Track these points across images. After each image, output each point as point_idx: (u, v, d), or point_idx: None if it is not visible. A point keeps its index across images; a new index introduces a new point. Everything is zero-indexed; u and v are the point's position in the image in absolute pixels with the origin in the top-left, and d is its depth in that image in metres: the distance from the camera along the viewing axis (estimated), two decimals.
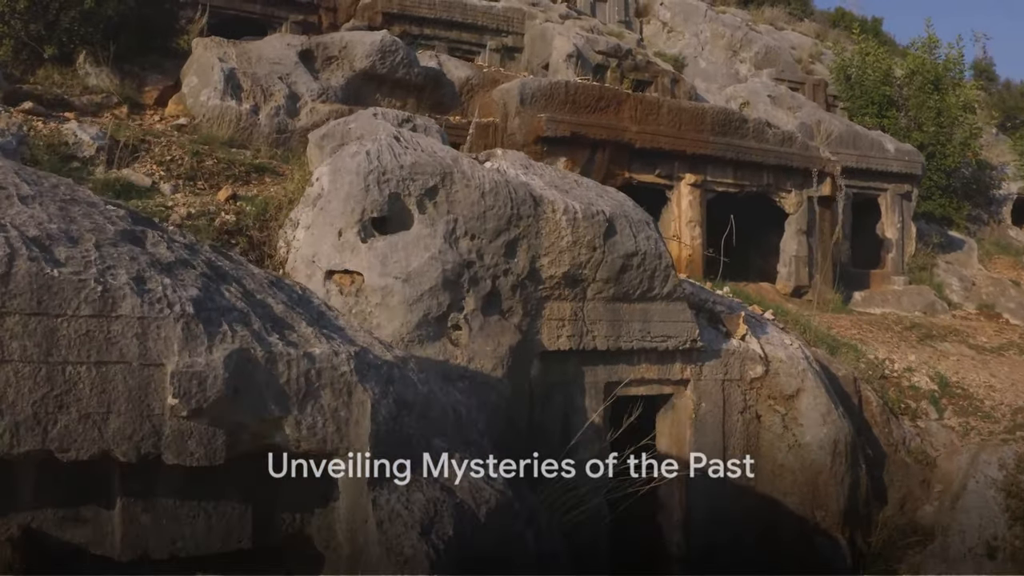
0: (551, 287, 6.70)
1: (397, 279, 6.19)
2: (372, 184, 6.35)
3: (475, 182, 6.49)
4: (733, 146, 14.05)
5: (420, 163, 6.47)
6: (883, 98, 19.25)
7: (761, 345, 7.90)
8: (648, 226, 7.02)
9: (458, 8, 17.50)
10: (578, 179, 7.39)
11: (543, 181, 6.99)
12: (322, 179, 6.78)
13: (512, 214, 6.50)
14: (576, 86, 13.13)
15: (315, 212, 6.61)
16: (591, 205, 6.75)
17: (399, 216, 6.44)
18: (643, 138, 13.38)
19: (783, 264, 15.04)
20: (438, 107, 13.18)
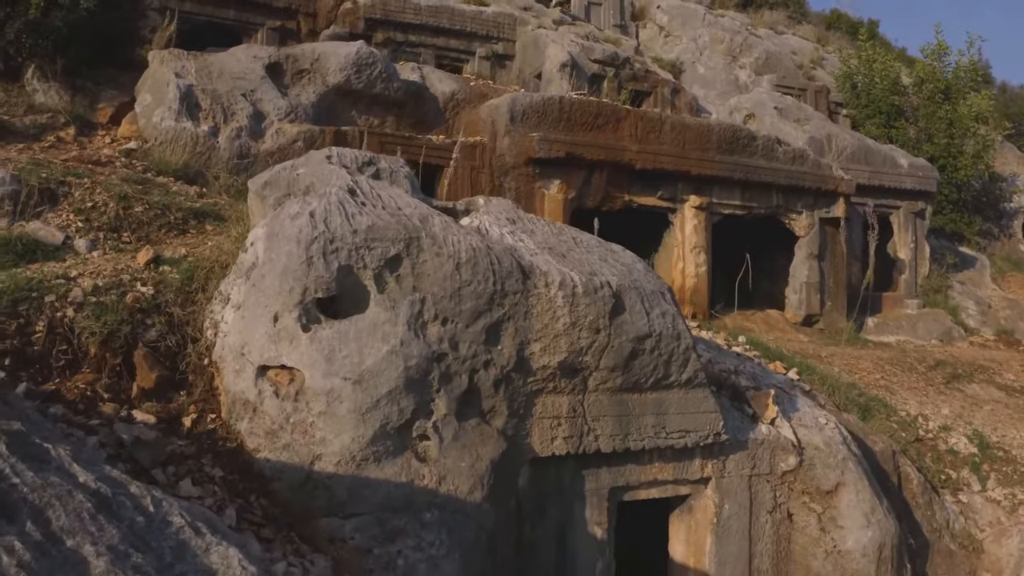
0: (544, 379, 5.17)
1: (347, 380, 4.65)
2: (317, 256, 4.81)
3: (448, 250, 4.96)
4: (741, 165, 12.52)
5: (379, 226, 4.93)
6: (891, 107, 17.72)
7: (794, 428, 6.38)
8: (663, 298, 5.49)
9: (445, 13, 15.91)
10: (577, 236, 5.85)
11: (534, 242, 5.45)
12: (256, 245, 5.24)
13: (495, 291, 4.97)
14: (571, 102, 11.58)
15: (247, 288, 5.07)
16: (593, 276, 5.22)
17: (352, 295, 4.91)
18: (644, 158, 11.84)
19: (793, 291, 13.53)
20: (420, 125, 11.63)
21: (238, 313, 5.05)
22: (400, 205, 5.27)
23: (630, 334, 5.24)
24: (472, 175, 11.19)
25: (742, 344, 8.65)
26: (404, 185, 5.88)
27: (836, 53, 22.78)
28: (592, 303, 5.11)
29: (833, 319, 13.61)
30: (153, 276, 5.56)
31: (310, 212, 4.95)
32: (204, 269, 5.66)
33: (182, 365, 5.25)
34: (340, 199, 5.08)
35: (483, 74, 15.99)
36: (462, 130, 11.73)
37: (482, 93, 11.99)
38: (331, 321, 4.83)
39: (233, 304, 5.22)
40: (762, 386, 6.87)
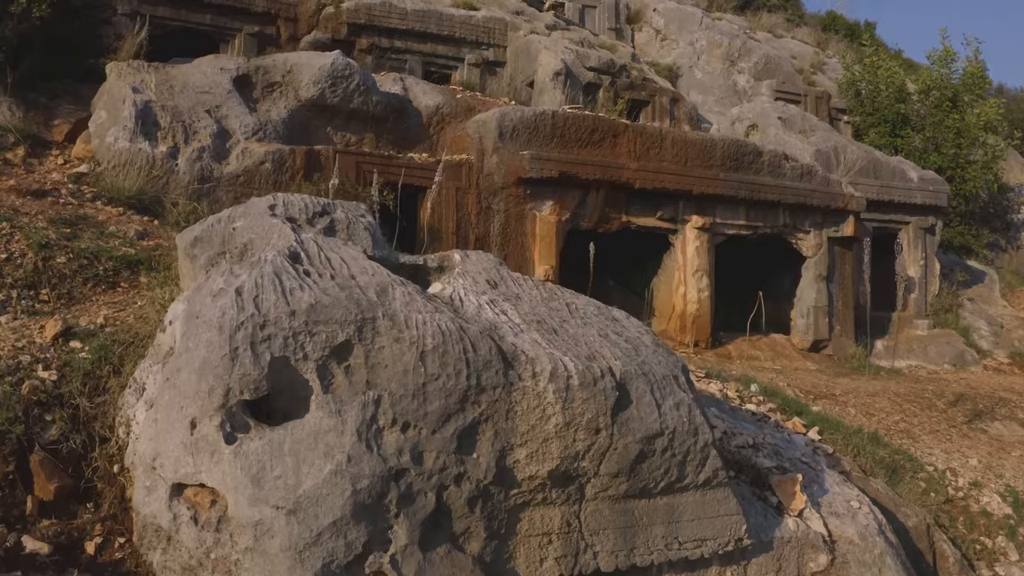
0: (531, 490, 4.09)
1: (279, 510, 3.57)
2: (243, 346, 3.71)
3: (411, 334, 3.87)
4: (746, 183, 11.43)
5: (324, 305, 3.85)
6: (896, 116, 16.63)
7: (824, 519, 5.31)
8: (677, 383, 4.39)
9: (433, 18, 14.77)
10: (572, 302, 4.75)
11: (519, 314, 4.36)
12: (175, 325, 4.15)
13: (469, 386, 3.89)
14: (565, 117, 10.46)
15: (161, 382, 3.98)
16: (592, 361, 4.13)
17: (289, 393, 3.82)
18: (644, 177, 10.74)
19: (800, 314, 12.46)
20: (402, 142, 10.51)
21: (151, 413, 3.96)
22: (354, 272, 4.17)
23: (637, 433, 4.15)
24: (457, 197, 10.09)
25: (755, 396, 7.58)
26: (363, 240, 4.77)
27: (837, 58, 21.67)
28: (591, 397, 4.03)
29: (842, 344, 12.55)
30: (60, 355, 4.46)
31: (237, 289, 3.85)
32: (122, 345, 4.56)
33: (88, 471, 4.17)
34: (277, 269, 3.98)
35: (472, 82, 14.86)
36: (447, 147, 10.62)
37: (469, 107, 10.87)
38: (262, 428, 3.74)
39: (147, 400, 4.13)
40: (785, 460, 5.79)
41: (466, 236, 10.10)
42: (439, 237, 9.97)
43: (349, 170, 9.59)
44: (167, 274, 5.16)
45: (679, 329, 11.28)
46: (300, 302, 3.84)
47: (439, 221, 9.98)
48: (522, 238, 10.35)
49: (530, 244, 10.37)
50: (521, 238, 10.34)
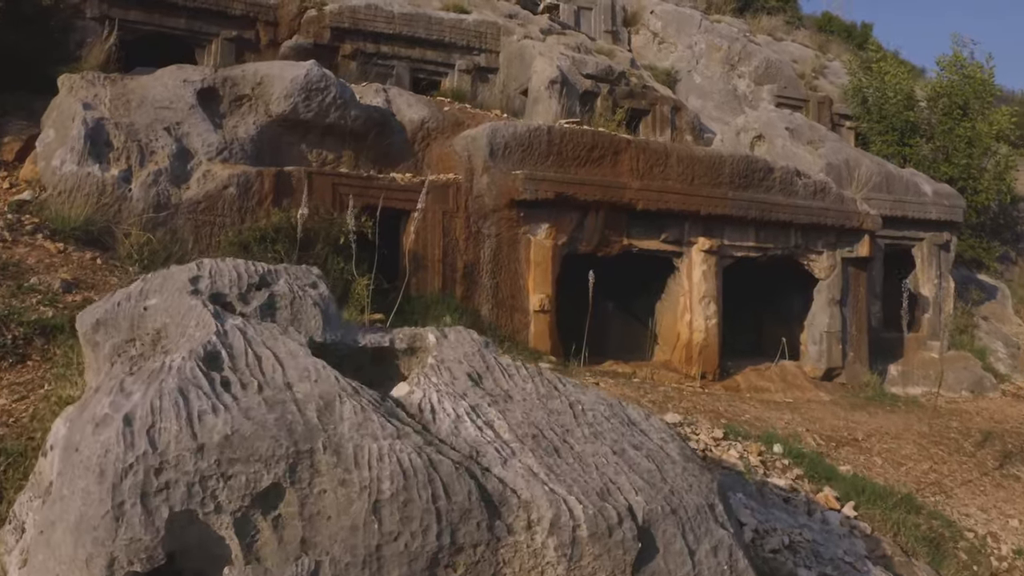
0: None
1: None
2: (131, 499, 2.62)
3: (362, 476, 2.77)
4: (756, 202, 10.34)
5: (245, 435, 2.76)
6: (905, 124, 15.55)
7: None
8: (714, 517, 3.29)
9: (421, 22, 13.63)
10: (576, 399, 3.64)
11: (509, 426, 3.26)
12: (55, 453, 3.07)
13: (440, 547, 2.80)
14: (562, 133, 9.35)
15: (35, 533, 2.90)
16: (607, 497, 3.03)
17: (198, 555, 2.74)
18: (647, 197, 9.65)
19: (812, 340, 11.40)
20: (384, 159, 9.39)
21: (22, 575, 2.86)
22: (291, 378, 3.07)
23: None
24: (444, 221, 8.98)
25: (780, 460, 6.52)
26: (311, 319, 3.67)
27: (839, 62, 20.59)
28: (605, 552, 2.94)
29: (855, 371, 11.50)
30: None
31: (126, 416, 2.75)
32: (9, 455, 3.47)
33: None
34: (183, 383, 2.88)
35: (463, 89, 13.73)
36: (433, 166, 9.50)
37: (457, 121, 9.75)
38: None
39: (22, 549, 3.04)
40: (826, 564, 4.71)
41: (453, 264, 9.00)
42: (424, 265, 8.88)
43: (324, 193, 8.48)
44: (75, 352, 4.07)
45: (685, 360, 10.20)
46: (212, 432, 2.75)
47: (424, 248, 8.87)
48: (515, 265, 9.25)
49: (524, 271, 9.28)
50: (514, 265, 9.25)
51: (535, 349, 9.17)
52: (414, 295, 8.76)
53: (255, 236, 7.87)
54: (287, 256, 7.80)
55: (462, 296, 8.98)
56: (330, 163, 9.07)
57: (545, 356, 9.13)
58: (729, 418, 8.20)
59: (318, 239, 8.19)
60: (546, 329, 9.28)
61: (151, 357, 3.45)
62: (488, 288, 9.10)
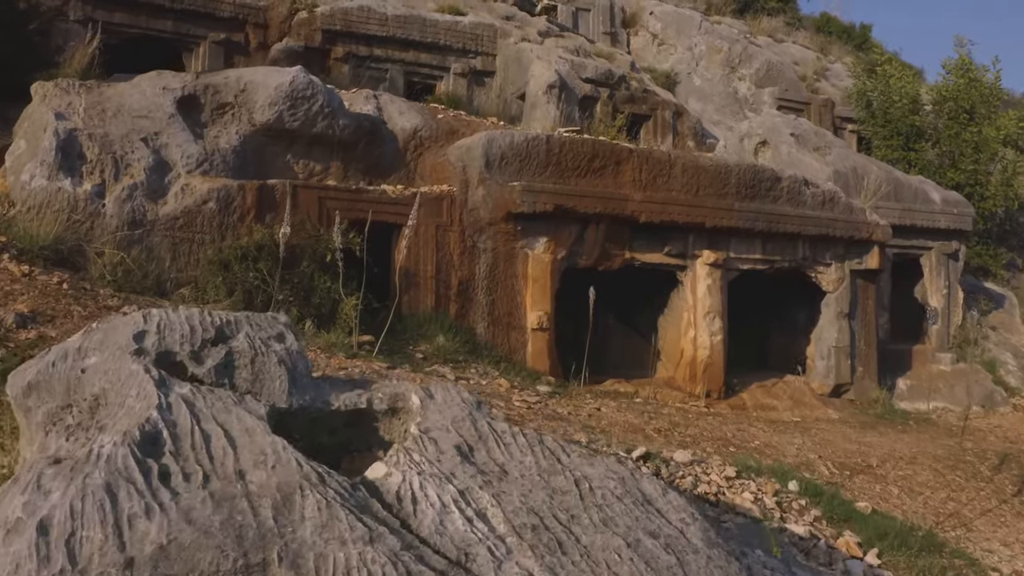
0: None
1: None
2: None
3: None
4: (764, 214, 9.80)
5: (183, 544, 2.21)
6: (911, 129, 15.02)
7: None
8: None
9: (416, 24, 13.07)
10: (583, 474, 3.07)
11: (504, 513, 2.69)
12: None
13: None
14: (561, 143, 8.80)
15: None
16: None
17: None
18: (650, 209, 9.10)
19: (819, 356, 10.86)
20: (374, 170, 8.84)
21: None
22: (245, 464, 2.52)
23: None
24: (438, 235, 8.43)
25: (796, 500, 5.98)
26: (275, 381, 3.11)
27: (840, 64, 20.07)
28: None
29: (864, 387, 10.96)
30: None
31: (41, 523, 2.20)
32: None
33: None
34: (112, 479, 2.33)
35: (458, 93, 13.18)
36: (426, 177, 8.95)
37: (452, 129, 9.20)
38: None
39: None
40: None
41: (447, 280, 8.45)
42: (416, 282, 8.33)
43: (310, 207, 7.92)
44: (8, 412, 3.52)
45: (688, 378, 9.67)
46: (144, 542, 2.20)
47: (416, 264, 8.32)
48: (512, 280, 8.71)
49: (521, 287, 8.73)
50: (511, 280, 8.70)
51: (533, 369, 8.63)
52: (406, 313, 8.22)
53: (236, 254, 7.32)
54: (270, 275, 7.26)
55: (456, 314, 8.44)
56: (317, 174, 8.51)
57: (543, 377, 8.59)
58: (738, 446, 7.66)
59: (303, 256, 7.63)
60: (544, 348, 8.74)
61: (89, 428, 2.90)
62: (484, 305, 8.56)
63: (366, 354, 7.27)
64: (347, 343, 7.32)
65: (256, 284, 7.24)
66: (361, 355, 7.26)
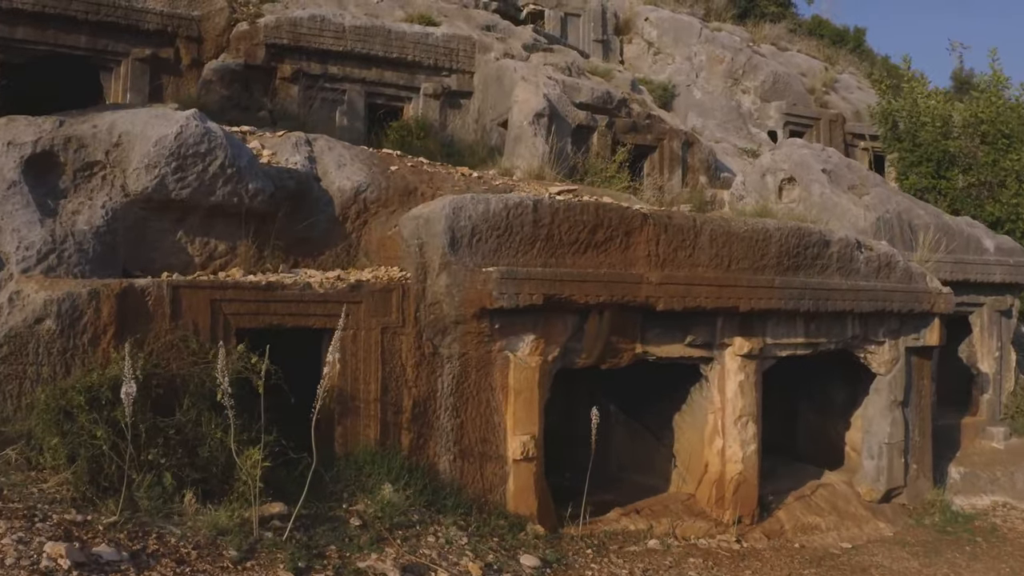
0: None
1: None
2: None
3: None
4: (810, 290, 7.15)
5: None
6: (942, 154, 12.39)
7: None
8: None
9: (379, 37, 10.28)
10: None
11: None
12: None
13: None
14: (554, 210, 6.10)
15: None
16: None
17: None
18: (670, 293, 6.43)
19: (868, 454, 8.26)
20: (301, 247, 6.11)
21: None
22: None
23: None
24: (384, 341, 5.74)
25: None
26: None
27: (848, 73, 17.39)
28: None
29: (918, 489, 8.39)
30: None
31: None
32: None
33: None
34: None
35: (429, 118, 10.44)
36: (373, 254, 6.25)
37: (407, 187, 6.48)
38: None
39: None
40: None
41: (398, 401, 5.77)
42: (353, 408, 5.65)
43: (199, 316, 5.21)
44: None
45: (715, 500, 7.05)
46: None
47: (353, 382, 5.64)
48: (487, 395, 6.04)
49: (499, 403, 6.06)
50: (485, 395, 6.03)
51: (515, 514, 5.99)
52: (340, 454, 5.55)
53: (82, 398, 4.62)
54: (133, 429, 4.56)
55: (411, 448, 5.77)
56: (220, 257, 5.79)
57: (529, 525, 5.96)
58: None
59: (185, 392, 4.94)
60: (531, 483, 6.09)
61: None
62: (448, 432, 5.89)
63: (270, 543, 4.61)
64: (244, 523, 4.67)
65: (110, 444, 4.56)
66: (264, 545, 4.60)
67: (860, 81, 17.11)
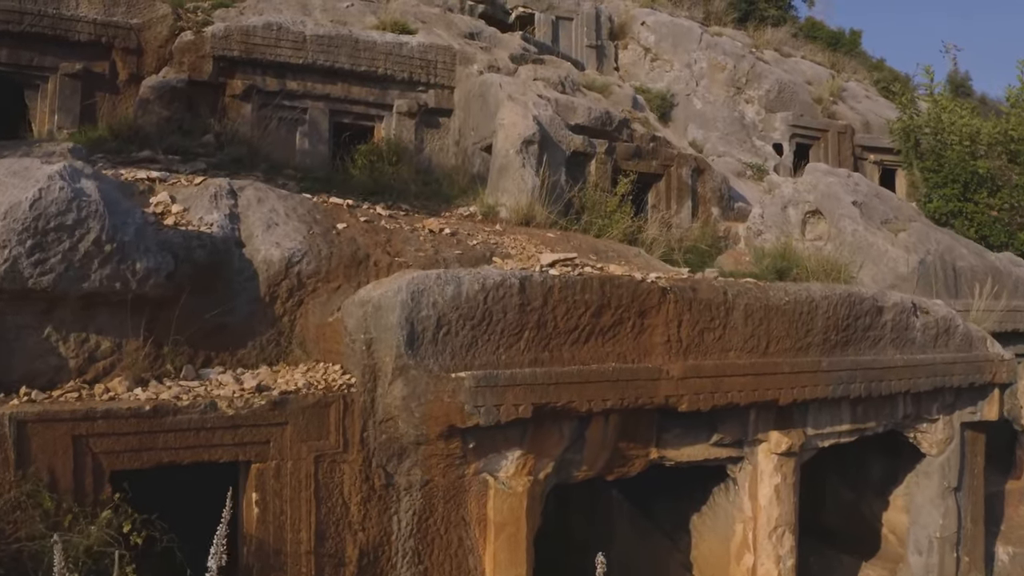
0: None
1: None
2: None
3: None
4: (861, 370, 5.53)
5: None
6: (970, 176, 10.76)
7: None
8: None
9: (345, 47, 8.55)
10: None
11: None
12: None
13: None
14: (547, 288, 4.45)
15: None
16: None
17: None
18: (695, 388, 4.79)
19: (916, 548, 6.66)
20: (216, 339, 4.41)
21: None
22: None
23: None
24: (320, 473, 4.09)
25: None
26: None
27: (855, 80, 15.74)
28: None
29: None
30: None
31: None
32: None
33: None
34: None
35: (404, 139, 8.74)
36: (311, 346, 4.58)
37: (357, 256, 4.79)
38: None
39: None
40: None
41: (340, 552, 4.13)
42: (278, 564, 4.00)
43: (56, 458, 3.55)
44: None
45: None
46: None
47: (277, 531, 3.99)
48: (459, 533, 4.40)
49: (475, 543, 4.43)
50: (457, 533, 4.40)
51: None
52: None
53: None
54: None
55: None
56: (104, 359, 4.12)
57: None
58: None
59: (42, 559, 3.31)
60: None
61: None
62: None
63: None
64: None
65: None
66: None
67: (867, 89, 15.48)
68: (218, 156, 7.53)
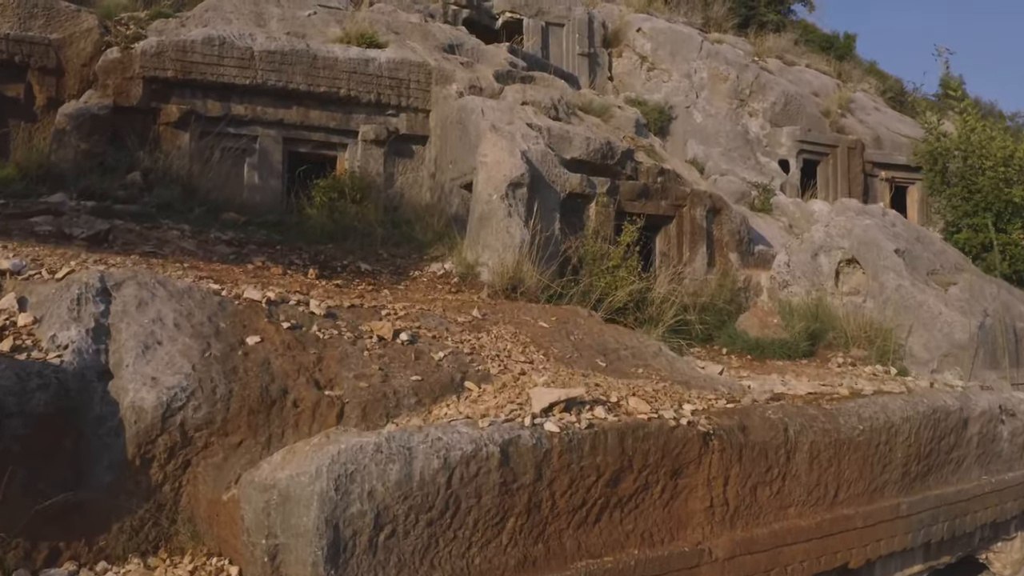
0: None
1: None
2: None
3: None
4: (944, 506, 4.10)
5: None
6: (1004, 204, 9.30)
7: None
8: None
9: (301, 64, 6.96)
10: None
11: None
12: None
13: None
14: (542, 454, 2.92)
15: None
16: None
17: None
18: (745, 569, 3.32)
19: None
20: (65, 523, 2.89)
21: None
22: None
23: None
24: None
25: None
26: None
27: (862, 91, 14.22)
28: None
29: None
30: None
31: None
32: None
33: None
34: None
35: (370, 171, 7.17)
36: (203, 526, 3.03)
37: (269, 393, 3.23)
38: None
39: None
40: None
41: None
42: None
43: None
44: None
45: None
46: None
47: None
48: None
49: None
50: None
51: None
52: None
53: None
54: None
55: None
56: None
57: None
58: None
59: None
60: None
61: None
62: None
63: None
64: None
65: None
66: None
67: (875, 100, 13.97)
68: (142, 201, 5.96)
